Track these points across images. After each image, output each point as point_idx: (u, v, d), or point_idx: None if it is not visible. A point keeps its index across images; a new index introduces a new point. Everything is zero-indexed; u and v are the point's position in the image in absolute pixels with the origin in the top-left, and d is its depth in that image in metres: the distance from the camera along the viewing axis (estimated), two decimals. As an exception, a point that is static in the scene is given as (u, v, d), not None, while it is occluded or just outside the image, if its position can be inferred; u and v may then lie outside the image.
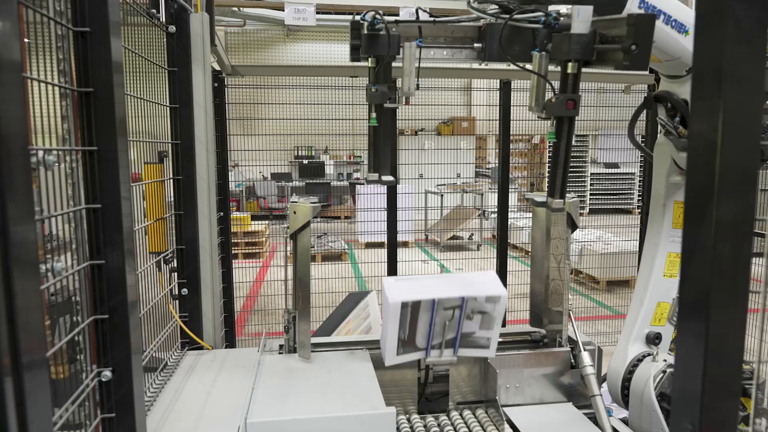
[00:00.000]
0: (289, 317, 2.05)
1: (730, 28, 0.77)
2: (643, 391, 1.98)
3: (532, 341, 2.26)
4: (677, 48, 1.72)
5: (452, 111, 12.61)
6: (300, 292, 2.01)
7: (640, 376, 2.02)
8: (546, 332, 2.23)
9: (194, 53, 2.16)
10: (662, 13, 1.66)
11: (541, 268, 2.24)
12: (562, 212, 2.08)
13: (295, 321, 2.03)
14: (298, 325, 2.01)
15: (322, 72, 5.08)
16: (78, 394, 1.15)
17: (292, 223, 1.95)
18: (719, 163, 0.77)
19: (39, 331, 0.87)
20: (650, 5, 1.63)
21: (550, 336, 2.21)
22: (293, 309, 2.04)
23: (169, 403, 1.70)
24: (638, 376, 2.03)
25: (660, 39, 1.65)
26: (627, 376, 2.08)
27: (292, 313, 2.04)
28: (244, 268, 4.97)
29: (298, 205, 1.94)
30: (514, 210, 8.13)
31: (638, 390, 2.01)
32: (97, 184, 1.16)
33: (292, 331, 2.05)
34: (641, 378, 2.01)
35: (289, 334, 2.07)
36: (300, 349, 2.01)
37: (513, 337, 2.28)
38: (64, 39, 1.13)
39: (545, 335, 2.23)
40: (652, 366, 2.00)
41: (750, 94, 0.78)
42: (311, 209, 1.94)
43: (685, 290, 0.86)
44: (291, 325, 2.05)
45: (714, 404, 0.84)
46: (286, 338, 2.08)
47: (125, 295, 1.19)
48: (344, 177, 12.63)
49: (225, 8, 10.82)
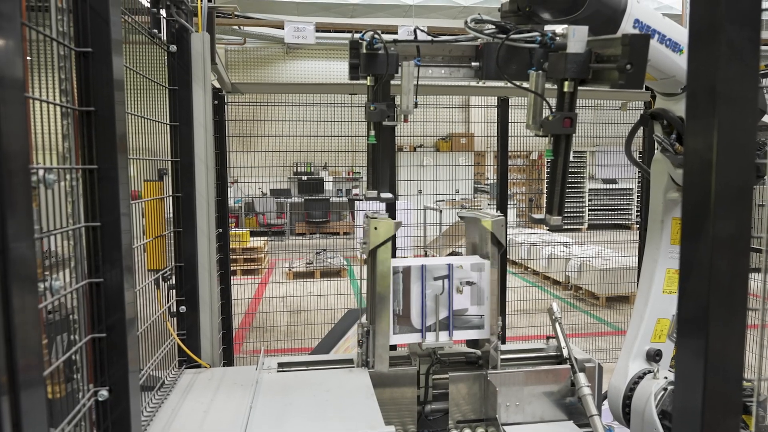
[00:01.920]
0: (364, 331, 2.02)
1: (723, 47, 0.78)
2: (644, 408, 1.96)
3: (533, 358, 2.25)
4: (672, 67, 1.74)
5: (451, 127, 12.69)
6: (378, 307, 1.98)
7: (641, 394, 2.00)
8: (546, 347, 2.22)
9: (195, 72, 2.18)
10: (656, 33, 1.68)
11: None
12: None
13: (370, 335, 2.00)
14: (377, 339, 1.98)
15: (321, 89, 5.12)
16: (74, 414, 1.14)
17: (373, 238, 1.94)
18: (715, 180, 0.78)
19: (36, 349, 0.86)
20: (645, 25, 1.66)
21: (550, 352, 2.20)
22: (368, 323, 2.01)
23: (165, 423, 1.68)
24: (639, 394, 2.01)
25: (654, 58, 1.67)
26: (628, 394, 2.06)
27: (367, 327, 2.01)
28: (242, 284, 4.95)
29: (379, 221, 1.94)
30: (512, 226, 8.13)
31: (639, 408, 1.99)
32: (96, 202, 1.16)
33: (366, 345, 2.03)
34: (642, 396, 1.99)
35: (362, 348, 2.04)
36: (378, 363, 1.99)
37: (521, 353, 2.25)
38: (66, 59, 1.15)
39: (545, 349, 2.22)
40: (653, 383, 1.98)
41: (744, 112, 0.79)
42: (394, 225, 1.95)
43: (684, 306, 0.86)
44: (365, 339, 2.02)
45: (715, 421, 0.84)
46: (359, 352, 2.05)
47: (123, 313, 1.18)
48: (343, 193, 12.65)
49: (225, 27, 10.95)
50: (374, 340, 2.00)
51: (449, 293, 2.02)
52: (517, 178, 9.77)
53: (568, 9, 1.62)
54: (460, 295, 2.04)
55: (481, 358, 2.15)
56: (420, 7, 9.88)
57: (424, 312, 1.99)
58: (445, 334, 2.03)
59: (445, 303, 2.02)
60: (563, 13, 1.63)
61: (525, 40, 1.60)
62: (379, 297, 1.98)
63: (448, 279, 2.01)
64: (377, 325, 1.98)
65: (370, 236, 1.95)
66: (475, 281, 2.03)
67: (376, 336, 1.99)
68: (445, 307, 2.02)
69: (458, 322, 2.05)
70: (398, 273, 1.99)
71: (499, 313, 2.06)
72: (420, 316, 2.00)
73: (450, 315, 2.02)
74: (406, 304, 1.98)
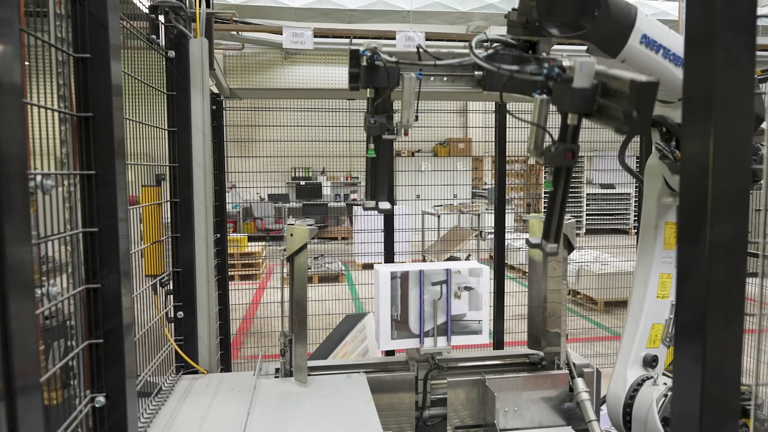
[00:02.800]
0: (286, 340, 2.04)
1: (719, 53, 0.79)
2: (646, 416, 1.95)
3: (530, 363, 2.25)
4: (673, 80, 1.74)
5: (449, 132, 12.73)
6: (296, 315, 2.00)
7: (642, 401, 1.99)
8: (544, 354, 2.22)
9: (193, 77, 2.18)
10: (662, 48, 1.68)
11: (538, 289, 2.24)
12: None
13: (292, 344, 2.01)
14: (295, 349, 1.99)
15: (319, 94, 5.13)
16: (71, 420, 1.13)
17: (289, 245, 1.96)
18: (711, 185, 0.78)
19: (33, 355, 0.86)
20: (651, 40, 1.66)
21: (548, 358, 2.20)
22: (290, 332, 2.03)
23: (162, 429, 1.67)
24: (640, 402, 2.00)
25: (657, 71, 1.67)
26: (628, 402, 2.05)
27: (289, 336, 2.03)
28: (240, 289, 4.93)
29: (294, 227, 1.95)
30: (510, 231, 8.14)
31: (641, 415, 1.98)
32: (94, 207, 1.16)
33: (288, 354, 2.04)
34: (643, 403, 1.98)
35: (285, 357, 2.05)
36: (297, 372, 2.00)
37: (511, 359, 2.26)
38: (64, 65, 1.15)
39: (543, 357, 2.22)
40: (653, 390, 1.98)
41: (740, 118, 0.79)
42: (308, 232, 1.95)
43: (681, 312, 0.86)
44: (287, 348, 2.04)
45: (713, 426, 0.84)
46: (283, 362, 2.06)
47: (120, 318, 1.18)
48: (341, 198, 12.66)
49: (224, 32, 10.98)
50: (294, 349, 1.99)
51: (447, 298, 2.02)
52: (514, 183, 9.79)
53: (577, 25, 1.62)
54: (458, 300, 2.04)
55: (544, 359, 2.18)
56: (418, 12, 9.92)
57: (422, 317, 2.00)
58: (443, 339, 2.03)
59: (443, 308, 2.02)
60: (572, 29, 1.63)
61: (531, 72, 1.58)
62: (297, 304, 1.98)
63: (446, 284, 2.02)
64: (296, 334, 1.98)
65: (287, 243, 1.96)
66: (473, 286, 2.04)
67: (295, 345, 1.99)
68: (443, 312, 2.02)
69: (456, 327, 2.05)
70: (396, 278, 2.00)
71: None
72: (418, 322, 2.00)
73: (448, 320, 2.03)
74: (404, 310, 1.98)
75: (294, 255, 1.97)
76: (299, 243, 1.95)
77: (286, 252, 1.97)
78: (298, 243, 1.95)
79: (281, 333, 2.07)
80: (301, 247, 1.96)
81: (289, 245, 1.96)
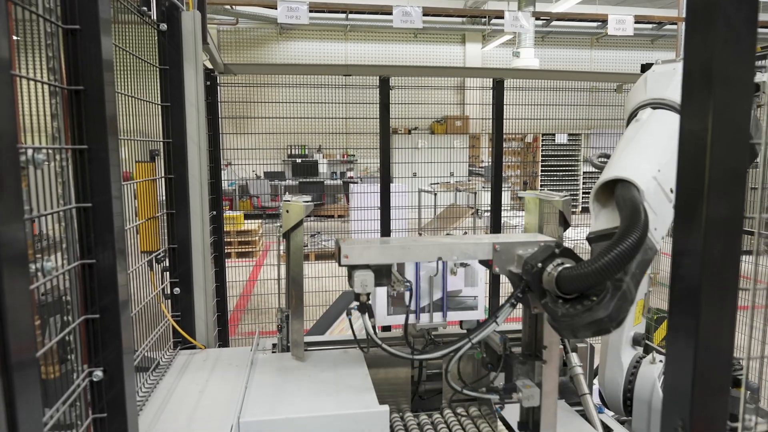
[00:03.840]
0: (282, 316, 2.05)
1: (720, 27, 0.77)
2: (650, 395, 1.97)
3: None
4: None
5: (446, 110, 12.63)
6: (293, 291, 2.00)
7: (644, 382, 2.01)
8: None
9: (186, 51, 2.15)
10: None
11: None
12: (555, 211, 2.09)
13: (289, 320, 2.02)
14: (292, 324, 2.01)
15: (315, 70, 5.06)
16: (69, 394, 1.14)
17: (285, 221, 1.95)
18: (709, 161, 0.78)
19: (28, 330, 0.86)
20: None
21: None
22: (286, 308, 2.04)
23: (161, 403, 1.69)
24: (641, 382, 2.02)
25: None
26: (628, 387, 2.08)
27: (286, 312, 2.04)
28: (237, 267, 4.95)
29: (290, 203, 1.94)
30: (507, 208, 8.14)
31: (644, 396, 1.99)
32: (87, 182, 1.15)
33: (286, 330, 2.05)
34: (645, 383, 2.00)
35: (282, 333, 2.07)
36: (293, 348, 2.01)
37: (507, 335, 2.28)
38: (53, 36, 1.12)
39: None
40: (653, 369, 2.00)
41: (740, 93, 0.79)
42: (304, 208, 1.94)
43: (676, 287, 0.87)
44: (284, 324, 2.05)
45: (704, 400, 0.85)
46: (280, 337, 2.08)
47: (116, 294, 1.18)
48: (338, 176, 12.61)
49: (217, 6, 10.77)
50: (291, 325, 2.01)
51: (443, 275, 2.03)
52: (511, 161, 9.76)
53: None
54: (454, 277, 2.06)
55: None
56: (415, -14, 9.73)
57: (418, 293, 2.01)
58: (439, 315, 2.05)
59: (439, 284, 2.03)
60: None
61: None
62: (293, 281, 1.98)
63: (442, 261, 2.02)
64: (293, 310, 1.99)
65: (283, 219, 1.95)
66: (469, 263, 2.05)
67: (291, 321, 2.00)
68: (439, 288, 2.04)
69: (452, 303, 2.07)
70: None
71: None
72: (414, 298, 2.01)
73: (444, 296, 2.04)
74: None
75: (290, 231, 1.97)
76: (295, 219, 1.95)
77: (282, 228, 1.97)
78: (294, 219, 1.95)
79: (278, 309, 2.08)
80: (298, 224, 1.95)
81: (285, 221, 1.95)
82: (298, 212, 1.94)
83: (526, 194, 2.18)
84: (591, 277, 1.24)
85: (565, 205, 2.08)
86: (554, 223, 2.13)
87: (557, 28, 13.41)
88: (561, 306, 1.32)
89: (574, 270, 1.31)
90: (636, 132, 1.73)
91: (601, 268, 1.21)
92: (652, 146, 1.65)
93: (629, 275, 1.27)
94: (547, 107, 5.41)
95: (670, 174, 1.58)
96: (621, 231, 1.26)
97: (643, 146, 1.66)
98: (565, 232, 2.16)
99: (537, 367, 1.68)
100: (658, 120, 1.75)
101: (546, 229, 2.18)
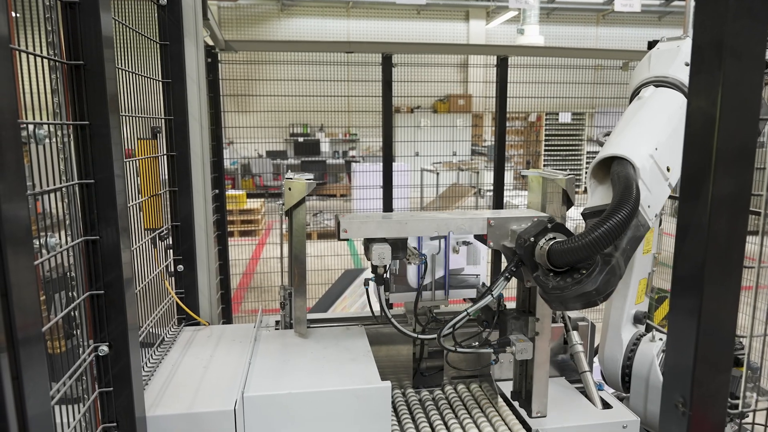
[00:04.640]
0: (285, 294, 2.06)
1: (732, 0, 0.76)
2: (648, 372, 1.99)
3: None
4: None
5: (448, 88, 12.51)
6: (296, 269, 2.01)
7: (642, 359, 2.02)
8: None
9: (186, 27, 2.12)
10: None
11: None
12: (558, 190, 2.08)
13: (291, 297, 2.03)
14: (295, 302, 2.02)
15: (317, 48, 5.00)
16: (75, 368, 1.16)
17: (287, 199, 1.95)
18: (717, 137, 0.77)
19: (34, 306, 0.86)
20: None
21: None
22: (289, 286, 2.05)
23: (166, 377, 1.72)
24: (640, 359, 2.04)
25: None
26: (627, 363, 2.09)
27: (288, 289, 2.05)
28: (240, 245, 4.97)
29: (293, 181, 1.93)
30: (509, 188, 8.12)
31: (642, 373, 2.01)
32: (89, 158, 1.15)
33: (289, 307, 2.06)
34: (644, 361, 2.01)
35: (285, 310, 2.08)
36: (296, 325, 2.03)
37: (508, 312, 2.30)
38: (52, 10, 1.10)
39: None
40: (652, 346, 2.01)
41: (751, 68, 0.77)
42: (306, 185, 1.93)
43: (679, 265, 0.87)
44: (287, 301, 2.06)
45: (705, 378, 0.85)
46: (283, 314, 2.10)
47: (120, 270, 1.19)
48: (340, 155, 12.57)
49: (218, -19, 10.59)
50: (293, 302, 2.02)
51: (446, 253, 2.03)
52: (514, 140, 9.69)
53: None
54: (457, 255, 2.06)
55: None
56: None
57: (421, 271, 2.01)
58: (441, 293, 2.06)
59: (442, 263, 2.04)
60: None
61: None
62: (296, 258, 1.99)
63: (444, 239, 2.02)
64: (296, 287, 2.00)
65: (285, 197, 1.95)
66: (471, 241, 2.05)
67: (294, 298, 2.01)
68: (442, 266, 2.04)
69: (454, 281, 2.08)
70: None
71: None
72: (416, 276, 2.02)
73: (446, 274, 2.05)
74: (402, 264, 2.00)
75: (293, 209, 1.96)
76: (298, 197, 1.94)
77: (285, 206, 1.96)
78: (296, 197, 1.94)
79: (281, 287, 2.09)
80: (300, 201, 1.95)
81: (288, 199, 1.95)
82: (300, 190, 1.93)
83: (529, 173, 2.16)
84: (580, 251, 1.27)
85: (568, 184, 2.07)
86: (557, 202, 2.12)
87: (562, 5, 13.19)
88: (552, 279, 1.36)
89: (564, 244, 1.34)
90: (636, 110, 1.73)
91: (591, 242, 1.25)
92: (651, 124, 1.65)
93: (619, 251, 1.30)
94: (552, 85, 5.35)
95: (667, 152, 1.59)
96: (611, 207, 1.29)
97: (642, 124, 1.66)
98: (568, 210, 2.15)
99: (530, 322, 1.73)
100: (659, 98, 1.74)
101: (549, 208, 2.17)
